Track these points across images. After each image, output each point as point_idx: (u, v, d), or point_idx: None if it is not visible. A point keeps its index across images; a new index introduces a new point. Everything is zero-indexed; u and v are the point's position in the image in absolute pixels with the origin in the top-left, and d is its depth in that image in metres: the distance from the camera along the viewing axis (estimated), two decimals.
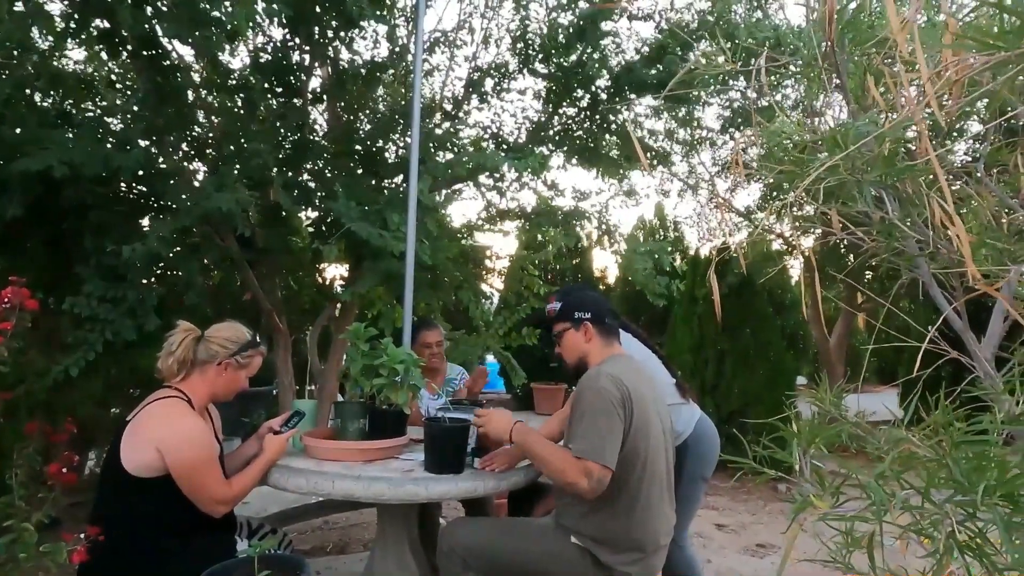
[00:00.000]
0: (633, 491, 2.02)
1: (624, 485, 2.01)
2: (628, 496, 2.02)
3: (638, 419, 1.99)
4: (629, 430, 1.98)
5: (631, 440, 1.98)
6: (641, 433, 2.00)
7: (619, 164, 5.61)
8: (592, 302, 2.26)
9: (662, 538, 2.10)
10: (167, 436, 1.96)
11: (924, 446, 0.73)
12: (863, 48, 1.02)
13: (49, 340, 3.56)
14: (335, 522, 4.35)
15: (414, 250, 3.10)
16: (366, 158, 4.52)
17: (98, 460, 4.29)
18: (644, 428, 2.01)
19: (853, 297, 8.96)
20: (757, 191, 7.69)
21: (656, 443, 2.06)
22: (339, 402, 2.47)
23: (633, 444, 1.99)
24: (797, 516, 0.80)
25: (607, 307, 2.28)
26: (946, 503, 0.67)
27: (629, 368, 2.13)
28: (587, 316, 2.22)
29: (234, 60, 4.45)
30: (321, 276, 5.27)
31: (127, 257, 3.07)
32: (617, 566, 2.02)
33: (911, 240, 0.99)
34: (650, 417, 2.05)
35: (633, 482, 2.02)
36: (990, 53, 0.69)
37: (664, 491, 2.12)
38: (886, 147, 0.85)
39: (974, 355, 0.95)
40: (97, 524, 1.79)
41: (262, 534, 2.34)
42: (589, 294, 2.36)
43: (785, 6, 5.93)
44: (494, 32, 5.24)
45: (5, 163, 3.01)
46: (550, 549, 2.08)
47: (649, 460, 2.03)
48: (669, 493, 2.16)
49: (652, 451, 2.04)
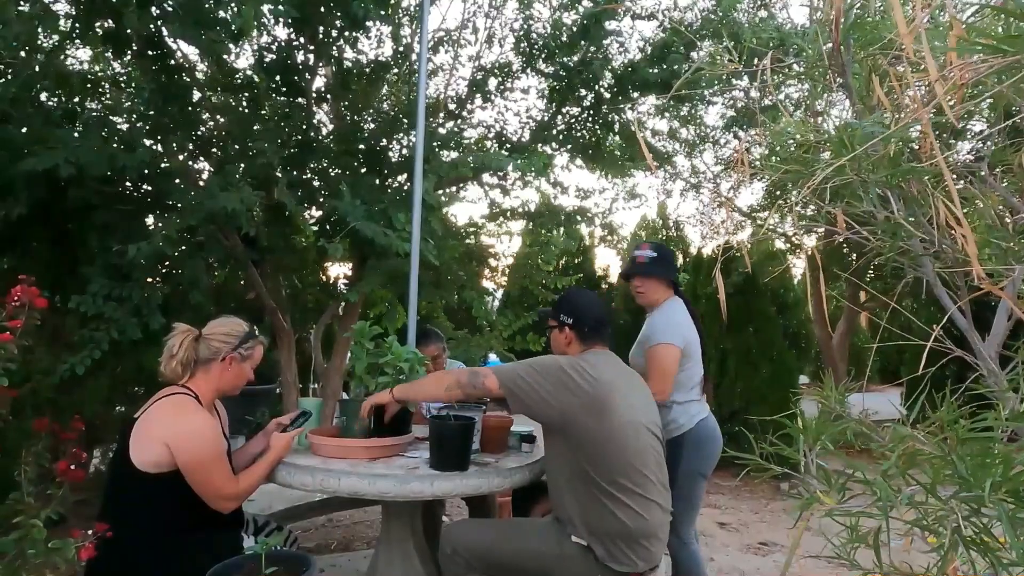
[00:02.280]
0: (618, 485, 2.03)
1: (609, 476, 2.03)
2: (616, 490, 2.02)
3: (592, 397, 2.04)
4: (580, 406, 2.03)
5: (586, 421, 2.03)
6: (606, 416, 2.03)
7: (622, 164, 5.61)
8: (580, 308, 2.31)
9: (660, 532, 2.12)
10: (176, 432, 1.98)
11: (929, 443, 0.74)
12: (868, 49, 1.03)
13: (55, 339, 3.58)
14: (339, 520, 4.37)
15: (418, 249, 3.11)
16: (370, 157, 4.52)
17: (103, 458, 4.30)
18: (598, 408, 2.04)
19: (856, 296, 8.95)
20: (760, 190, 7.69)
21: (626, 431, 2.06)
22: (344, 400, 2.48)
23: (595, 425, 2.03)
24: (803, 512, 0.80)
25: (594, 314, 2.30)
26: (951, 499, 0.68)
27: (600, 359, 2.21)
28: (569, 321, 2.29)
29: (239, 60, 4.47)
30: (325, 275, 5.28)
31: (132, 256, 3.07)
32: (617, 562, 2.03)
33: (916, 239, 1.00)
34: (613, 402, 2.07)
35: (617, 472, 2.03)
36: (995, 56, 0.70)
37: (656, 485, 2.13)
38: (892, 148, 0.86)
39: (978, 353, 0.95)
40: (105, 520, 1.80)
41: (268, 531, 2.36)
42: (583, 299, 2.40)
43: (789, 5, 5.93)
44: (498, 31, 5.25)
45: (11, 162, 3.02)
46: (552, 549, 2.09)
47: (625, 451, 2.05)
48: (663, 488, 2.18)
49: (624, 440, 2.05)
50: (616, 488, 2.03)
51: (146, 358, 3.63)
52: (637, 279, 2.76)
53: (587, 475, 2.05)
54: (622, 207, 7.07)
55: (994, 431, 0.73)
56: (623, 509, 2.03)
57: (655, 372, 2.56)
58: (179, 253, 3.56)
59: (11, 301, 1.75)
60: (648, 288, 2.75)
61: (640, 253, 2.81)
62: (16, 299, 1.75)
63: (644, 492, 2.08)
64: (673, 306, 2.75)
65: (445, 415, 2.32)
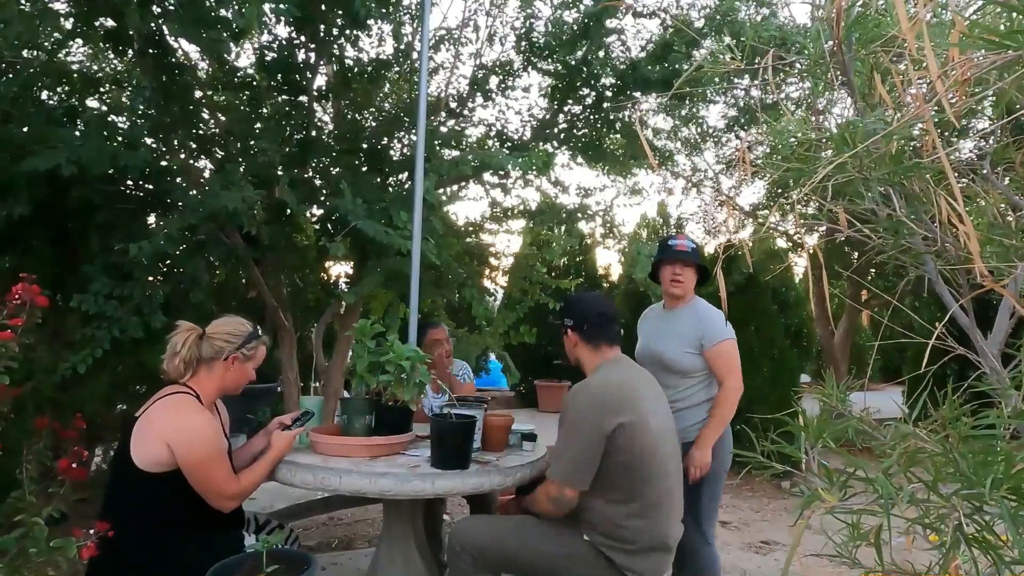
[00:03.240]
0: (639, 490, 2.03)
1: (631, 485, 2.03)
2: (637, 495, 2.03)
3: (632, 421, 2.01)
4: (619, 434, 2.00)
5: (623, 443, 2.01)
6: (638, 432, 2.02)
7: (624, 162, 5.61)
8: (580, 309, 2.31)
9: (671, 538, 2.11)
10: (177, 432, 1.98)
11: (931, 441, 0.74)
12: (870, 47, 1.03)
13: (56, 337, 3.58)
14: (340, 518, 4.37)
15: (419, 248, 3.11)
16: (371, 156, 4.52)
17: (104, 457, 4.31)
18: (641, 427, 2.03)
19: (857, 294, 8.95)
20: (761, 188, 7.68)
21: (655, 441, 2.06)
22: (345, 398, 2.48)
23: (628, 445, 2.01)
24: (805, 510, 0.80)
25: (595, 312, 2.28)
26: (953, 497, 0.67)
27: (621, 371, 2.20)
28: (570, 323, 2.30)
29: (239, 58, 4.46)
30: (326, 273, 5.28)
31: (134, 255, 3.08)
32: (629, 564, 2.03)
33: (918, 237, 1.00)
34: (646, 416, 2.06)
35: (638, 481, 2.03)
36: (997, 52, 0.69)
37: (673, 490, 2.13)
38: (894, 145, 0.85)
39: (981, 351, 0.95)
40: (106, 519, 1.80)
41: (269, 529, 2.36)
42: (583, 300, 2.41)
43: (790, 4, 5.93)
44: (499, 30, 5.24)
45: (12, 162, 3.02)
46: (563, 548, 2.09)
47: (652, 459, 2.05)
48: (679, 491, 2.17)
49: (653, 449, 2.05)
50: (637, 496, 2.03)
51: (147, 357, 3.63)
52: (679, 266, 2.73)
53: (613, 484, 2.04)
54: (623, 204, 7.04)
55: (996, 429, 0.73)
56: (642, 515, 2.03)
57: (730, 368, 2.62)
58: (180, 252, 3.56)
59: (12, 300, 1.75)
60: (688, 278, 2.74)
61: (680, 242, 2.78)
62: (17, 298, 1.75)
63: (664, 497, 2.08)
64: (704, 301, 2.78)
65: (446, 413, 2.32)
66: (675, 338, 2.70)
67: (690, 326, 2.68)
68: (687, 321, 2.71)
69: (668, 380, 2.61)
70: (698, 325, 2.67)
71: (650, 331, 2.84)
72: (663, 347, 2.71)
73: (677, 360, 2.66)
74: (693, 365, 2.65)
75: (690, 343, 2.66)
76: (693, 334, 2.66)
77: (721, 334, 2.63)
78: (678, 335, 2.69)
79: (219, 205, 3.18)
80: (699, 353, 2.65)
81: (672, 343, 2.70)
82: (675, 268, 2.73)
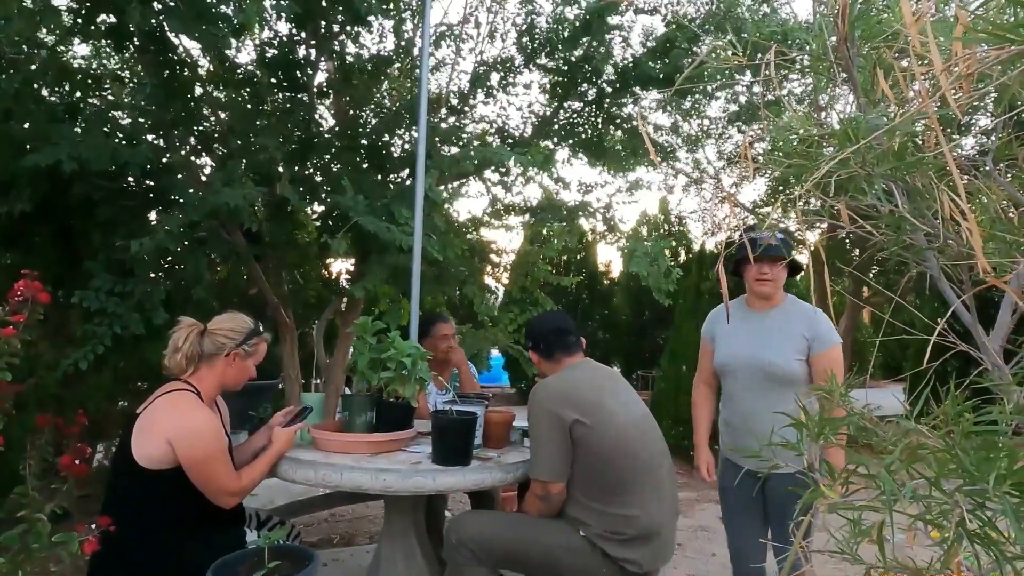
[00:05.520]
0: (618, 485, 2.07)
1: (606, 480, 2.08)
2: (617, 490, 2.08)
3: (589, 423, 2.08)
4: (576, 430, 2.08)
5: (586, 443, 2.08)
6: (597, 433, 2.08)
7: (625, 158, 5.60)
8: (532, 332, 2.47)
9: (663, 526, 2.13)
10: (178, 428, 1.98)
11: (933, 437, 0.74)
12: (873, 42, 1.02)
13: (58, 334, 3.59)
14: (341, 514, 4.38)
15: (421, 245, 3.12)
16: (372, 153, 4.52)
17: (106, 453, 4.32)
18: (601, 428, 2.09)
19: (859, 291, 8.94)
20: (763, 185, 7.67)
21: (624, 434, 2.11)
22: (347, 395, 2.48)
23: (592, 446, 2.08)
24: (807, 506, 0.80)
25: (545, 331, 2.41)
26: (955, 493, 0.67)
27: (581, 371, 2.28)
28: (530, 346, 2.45)
29: (240, 55, 4.46)
30: (327, 270, 5.29)
31: (135, 252, 3.08)
32: (623, 555, 2.05)
33: (920, 233, 0.99)
34: (611, 412, 2.13)
35: (613, 477, 2.08)
36: (1001, 47, 0.69)
37: (659, 479, 2.16)
38: (897, 141, 0.85)
39: (983, 347, 0.95)
40: (108, 515, 1.81)
41: (271, 525, 2.37)
42: (535, 322, 2.53)
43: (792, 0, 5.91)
44: (500, 26, 5.23)
45: (14, 158, 3.02)
46: (560, 542, 2.11)
47: (623, 453, 2.09)
48: (666, 480, 2.19)
49: (622, 445, 2.10)
50: (623, 487, 2.06)
51: (149, 353, 3.64)
52: (767, 264, 2.38)
53: (597, 477, 2.08)
54: (623, 201, 7.00)
55: (999, 425, 0.73)
56: (622, 507, 2.06)
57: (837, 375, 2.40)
58: (182, 249, 3.57)
59: (14, 296, 1.75)
60: (778, 275, 2.40)
61: (766, 235, 2.37)
62: (19, 294, 1.75)
63: (648, 486, 2.10)
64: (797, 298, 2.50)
65: (447, 410, 2.32)
66: (781, 343, 2.35)
67: (797, 328, 2.35)
68: (793, 322, 2.38)
69: (769, 394, 2.29)
70: (808, 327, 2.34)
71: (744, 337, 2.44)
72: (772, 355, 2.34)
73: (785, 368, 2.31)
74: (802, 373, 2.31)
75: (798, 348, 2.33)
76: (801, 337, 2.33)
77: (835, 337, 2.34)
78: (785, 339, 2.35)
79: (220, 202, 3.18)
80: (806, 359, 2.32)
81: (780, 349, 2.34)
82: (762, 266, 2.39)
